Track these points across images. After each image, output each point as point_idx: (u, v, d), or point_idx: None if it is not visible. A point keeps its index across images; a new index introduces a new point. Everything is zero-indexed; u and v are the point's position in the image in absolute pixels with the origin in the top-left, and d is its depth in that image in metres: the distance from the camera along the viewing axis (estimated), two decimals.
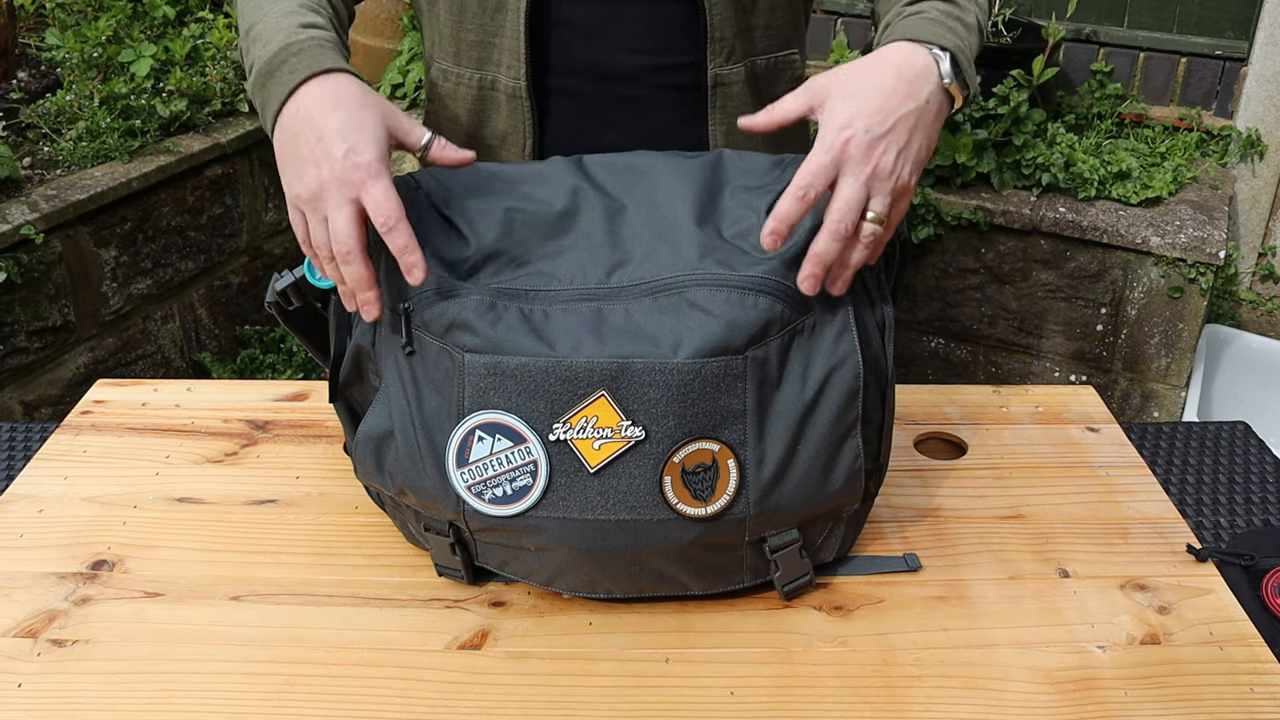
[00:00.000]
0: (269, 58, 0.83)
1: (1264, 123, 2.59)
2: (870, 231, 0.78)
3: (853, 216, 0.77)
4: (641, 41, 1.03)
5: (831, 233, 0.76)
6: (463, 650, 0.83)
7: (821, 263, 0.77)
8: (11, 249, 2.06)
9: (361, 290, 0.78)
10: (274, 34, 0.85)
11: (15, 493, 1.01)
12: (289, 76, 0.81)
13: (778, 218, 0.76)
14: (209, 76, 2.65)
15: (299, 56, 0.82)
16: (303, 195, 0.78)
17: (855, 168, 0.77)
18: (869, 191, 0.77)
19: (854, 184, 0.77)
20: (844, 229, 0.76)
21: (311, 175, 0.77)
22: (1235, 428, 1.16)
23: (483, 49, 1.04)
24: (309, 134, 0.78)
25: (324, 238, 0.78)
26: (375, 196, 0.75)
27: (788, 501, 0.81)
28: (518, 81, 1.03)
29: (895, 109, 0.79)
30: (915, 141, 0.79)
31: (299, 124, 0.79)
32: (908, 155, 0.79)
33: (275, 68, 0.82)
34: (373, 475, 0.86)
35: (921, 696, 0.79)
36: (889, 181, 0.78)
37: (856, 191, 0.77)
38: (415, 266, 0.75)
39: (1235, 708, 0.78)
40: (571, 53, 1.04)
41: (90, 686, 0.79)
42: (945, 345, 2.53)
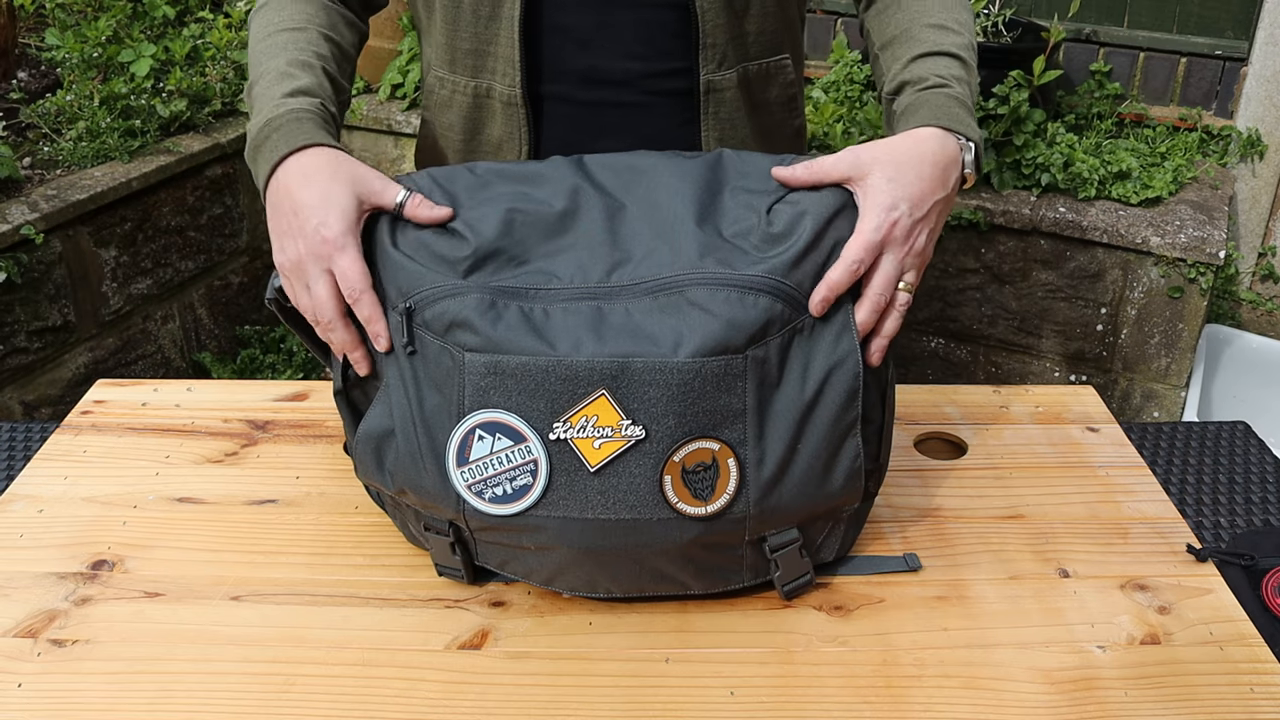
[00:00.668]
0: (256, 132, 0.90)
1: (1264, 123, 2.59)
2: (904, 301, 0.84)
3: (891, 290, 0.84)
4: (635, 48, 1.03)
5: (872, 305, 0.83)
6: (463, 650, 0.83)
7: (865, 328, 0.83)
8: (11, 249, 2.06)
9: (350, 351, 0.85)
10: (263, 103, 0.92)
11: (15, 493, 1.01)
12: (270, 154, 0.88)
13: (829, 285, 0.81)
14: (209, 76, 2.65)
15: (279, 133, 0.88)
16: (286, 266, 0.85)
17: (896, 248, 0.84)
18: (903, 268, 0.85)
19: (893, 262, 0.84)
20: (883, 301, 0.83)
21: (290, 248, 0.85)
22: (1235, 428, 1.16)
23: (477, 57, 1.05)
24: (287, 208, 0.85)
25: (309, 309, 0.85)
26: (341, 267, 0.82)
27: (788, 501, 0.81)
28: (513, 89, 1.04)
29: (930, 195, 0.86)
30: (940, 223, 0.87)
31: (279, 198, 0.86)
32: (934, 235, 0.87)
33: (260, 143, 0.89)
34: (373, 474, 0.86)
35: (921, 696, 0.79)
36: (919, 259, 0.86)
37: (894, 269, 0.84)
38: (380, 336, 0.83)
39: (1235, 708, 0.78)
40: (565, 59, 1.04)
41: (90, 686, 0.79)
42: (945, 345, 2.53)
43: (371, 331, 0.83)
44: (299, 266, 0.84)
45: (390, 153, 2.85)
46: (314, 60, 0.96)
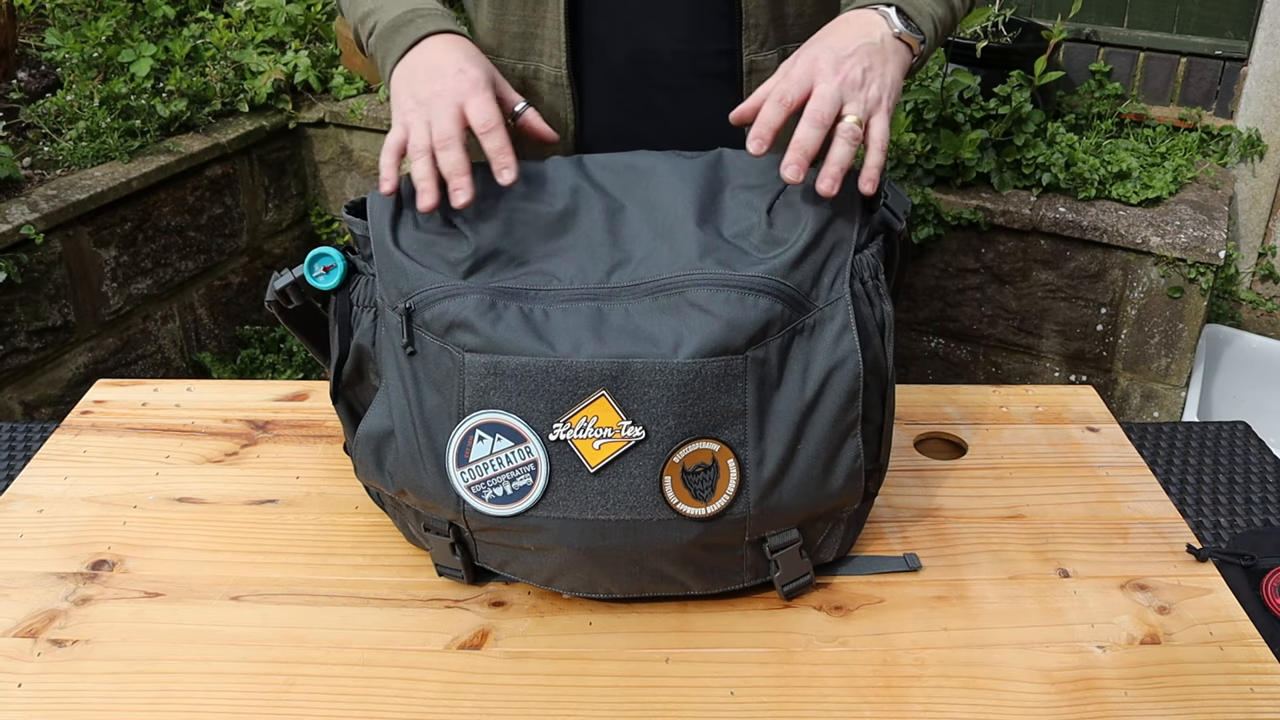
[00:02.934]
0: (397, 15, 0.94)
1: (1264, 123, 2.59)
2: (849, 127, 0.82)
3: (829, 107, 0.82)
4: (680, 29, 1.05)
5: (810, 120, 0.82)
6: (463, 650, 0.83)
7: (803, 149, 0.81)
8: (11, 249, 2.06)
9: (457, 175, 0.83)
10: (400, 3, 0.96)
11: (15, 493, 1.01)
12: (415, 31, 0.92)
13: (761, 123, 0.82)
14: (209, 76, 2.65)
15: (426, 19, 0.94)
16: (416, 98, 0.87)
17: (827, 77, 0.84)
18: (842, 96, 0.83)
19: (827, 86, 0.83)
20: (821, 117, 0.82)
21: (423, 88, 0.87)
22: (1235, 428, 1.16)
23: (525, 40, 1.06)
24: (424, 66, 0.90)
25: (423, 139, 0.85)
26: (478, 103, 0.86)
27: (788, 501, 0.81)
28: (559, 70, 1.05)
29: (852, 41, 0.87)
30: (878, 65, 0.86)
31: (417, 61, 0.90)
32: (873, 75, 0.85)
33: (403, 24, 0.94)
34: (373, 475, 0.86)
35: (921, 696, 0.79)
36: (860, 91, 0.84)
37: (831, 90, 0.83)
38: (507, 168, 0.83)
39: (1235, 708, 0.78)
40: (610, 41, 1.05)
41: (90, 686, 0.79)
42: (945, 345, 2.53)
43: (499, 164, 0.83)
44: (428, 101, 0.86)
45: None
46: None
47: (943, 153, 2.32)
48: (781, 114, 0.83)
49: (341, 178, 2.93)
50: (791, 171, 0.81)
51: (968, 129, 2.34)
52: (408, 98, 0.88)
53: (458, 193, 0.83)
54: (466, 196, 0.83)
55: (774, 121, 0.82)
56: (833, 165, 0.81)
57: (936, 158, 2.34)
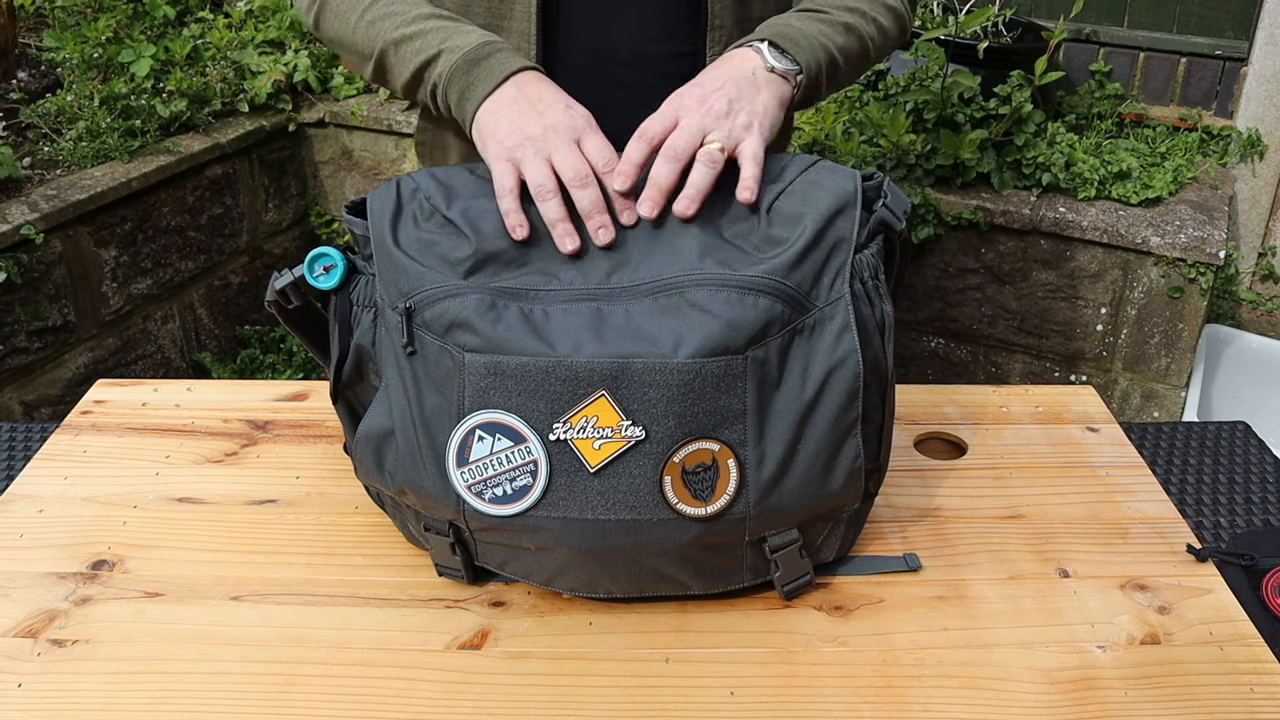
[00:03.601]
0: (473, 47, 0.93)
1: (1264, 123, 2.59)
2: (708, 152, 0.84)
3: (684, 140, 0.85)
4: (643, 28, 1.05)
5: (664, 155, 0.84)
6: (463, 650, 0.83)
7: (657, 185, 0.83)
8: (11, 249, 2.06)
9: (599, 213, 0.83)
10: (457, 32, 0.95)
11: (15, 493, 1.01)
12: (500, 65, 0.92)
13: (625, 160, 0.84)
14: (209, 76, 2.65)
15: (504, 52, 0.93)
16: (526, 134, 0.86)
17: (691, 113, 0.87)
18: (704, 129, 0.86)
19: (689, 121, 0.86)
20: (674, 151, 0.84)
21: (534, 123, 0.87)
22: (1235, 428, 1.16)
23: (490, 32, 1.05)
24: (524, 102, 0.89)
25: (541, 176, 0.84)
26: (595, 141, 0.86)
27: (788, 501, 0.81)
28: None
29: (722, 78, 0.90)
30: (748, 95, 0.89)
31: (513, 96, 0.90)
32: (740, 104, 0.88)
33: (483, 56, 0.93)
34: (373, 475, 0.86)
35: (921, 696, 0.79)
36: (725, 120, 0.86)
37: (693, 124, 0.86)
38: (628, 209, 0.83)
39: (1235, 708, 0.78)
40: (575, 38, 1.05)
41: (90, 686, 0.79)
42: (945, 345, 2.53)
43: (620, 206, 0.83)
44: (542, 138, 0.85)
45: (390, 153, 2.85)
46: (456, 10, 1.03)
47: (943, 153, 2.32)
48: (645, 150, 0.85)
49: (341, 178, 2.93)
50: (646, 208, 0.83)
51: (968, 129, 2.34)
52: (513, 133, 0.87)
53: (600, 231, 0.82)
54: (610, 236, 0.82)
55: (637, 158, 0.84)
56: (690, 188, 0.84)
57: (936, 158, 2.34)
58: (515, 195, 0.84)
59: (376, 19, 1.00)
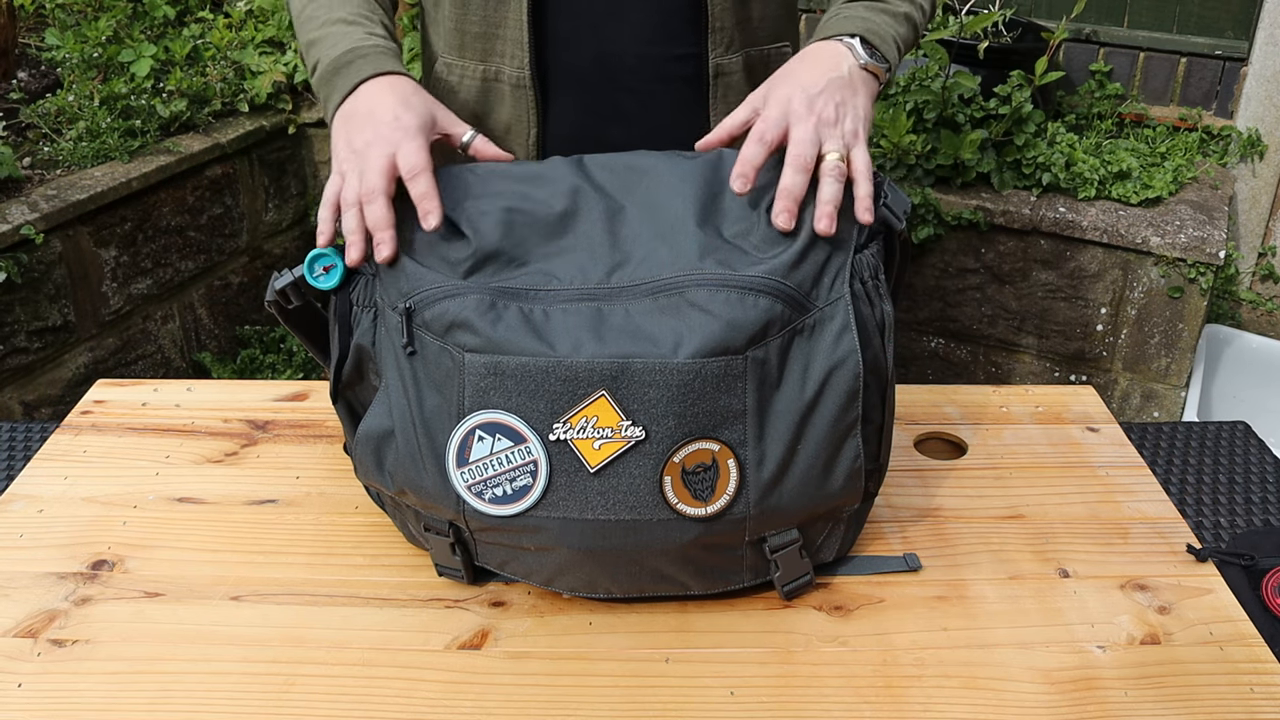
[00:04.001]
0: (337, 57, 0.94)
1: (1264, 123, 2.59)
2: (833, 164, 0.84)
3: (809, 150, 0.84)
4: (644, 31, 1.05)
5: (793, 165, 0.83)
6: (463, 650, 0.83)
7: (792, 196, 0.82)
8: (11, 249, 2.06)
9: (379, 229, 0.83)
10: (338, 38, 0.96)
11: (15, 493, 1.01)
12: (355, 74, 0.92)
13: (745, 162, 0.83)
14: (209, 76, 2.65)
15: (365, 60, 0.93)
16: (352, 147, 0.87)
17: (801, 119, 0.86)
18: (819, 136, 0.85)
19: (803, 128, 0.85)
20: (804, 161, 0.84)
21: (359, 137, 0.87)
22: (1235, 428, 1.16)
23: (486, 40, 1.06)
24: (363, 112, 0.89)
25: (354, 191, 0.85)
26: (406, 150, 0.85)
27: (788, 501, 0.81)
28: (521, 72, 1.05)
29: (821, 77, 0.89)
30: (849, 99, 0.89)
31: (357, 107, 0.90)
32: (846, 109, 0.88)
33: (342, 66, 0.93)
34: (373, 475, 0.86)
35: (921, 696, 0.79)
36: (836, 128, 0.86)
37: (808, 133, 0.85)
38: (430, 214, 0.82)
39: (1235, 708, 0.78)
40: (575, 43, 1.05)
41: (90, 686, 0.79)
42: (945, 345, 2.53)
43: (423, 209, 0.83)
44: (362, 152, 0.86)
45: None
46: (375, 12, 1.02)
47: (943, 153, 2.32)
48: (764, 154, 0.85)
49: None
50: (784, 220, 0.82)
51: (968, 129, 2.34)
52: (344, 147, 0.88)
53: (380, 246, 0.83)
54: (389, 250, 0.82)
55: (757, 161, 0.84)
56: (825, 205, 0.83)
57: (936, 158, 2.34)
58: (330, 206, 0.86)
59: (304, 21, 1.02)
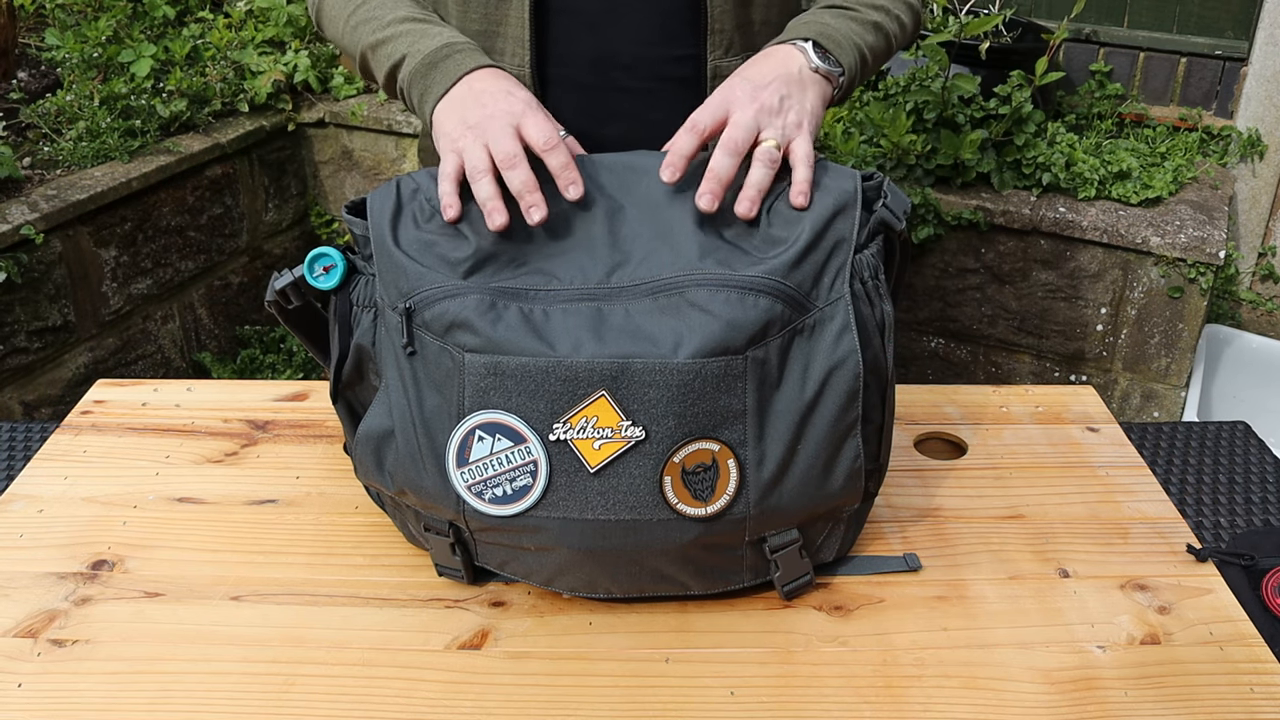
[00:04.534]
0: (431, 51, 0.96)
1: (1264, 123, 2.59)
2: (766, 150, 0.85)
3: (743, 134, 0.85)
4: (643, 32, 1.05)
5: (724, 148, 0.84)
6: (463, 650, 0.83)
7: (717, 177, 0.83)
8: (11, 249, 2.06)
9: (530, 192, 0.83)
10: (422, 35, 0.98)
11: (15, 493, 1.01)
12: (454, 66, 0.94)
13: (674, 152, 0.84)
14: (209, 76, 2.65)
15: (463, 54, 0.96)
16: (467, 123, 0.88)
17: (743, 105, 0.87)
18: (759, 123, 0.86)
19: (743, 114, 0.86)
20: (735, 144, 0.84)
21: (475, 112, 0.88)
22: (1235, 428, 1.16)
23: (487, 39, 1.06)
24: (471, 98, 0.91)
25: (483, 160, 0.85)
26: (536, 121, 0.86)
27: (788, 501, 0.81)
28: (522, 70, 1.05)
29: (770, 73, 0.91)
30: (796, 93, 0.90)
31: (463, 94, 0.92)
32: (791, 102, 0.89)
33: (440, 59, 0.95)
34: (373, 475, 0.86)
35: (921, 696, 0.79)
36: (777, 117, 0.87)
37: (746, 119, 0.85)
38: (573, 184, 0.83)
39: (1235, 708, 0.78)
40: (575, 42, 1.05)
41: (90, 686, 0.79)
42: (945, 345, 2.53)
43: (564, 180, 0.83)
44: (482, 124, 0.86)
45: (390, 153, 2.85)
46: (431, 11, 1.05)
47: (943, 153, 2.32)
48: (694, 142, 0.85)
49: (341, 178, 2.93)
50: (705, 201, 0.82)
51: (968, 129, 2.34)
52: (457, 124, 0.88)
53: (533, 210, 0.82)
54: (542, 213, 0.82)
55: (686, 150, 0.85)
56: (750, 188, 0.83)
57: (936, 158, 2.34)
58: (453, 180, 0.85)
59: (359, 23, 1.03)
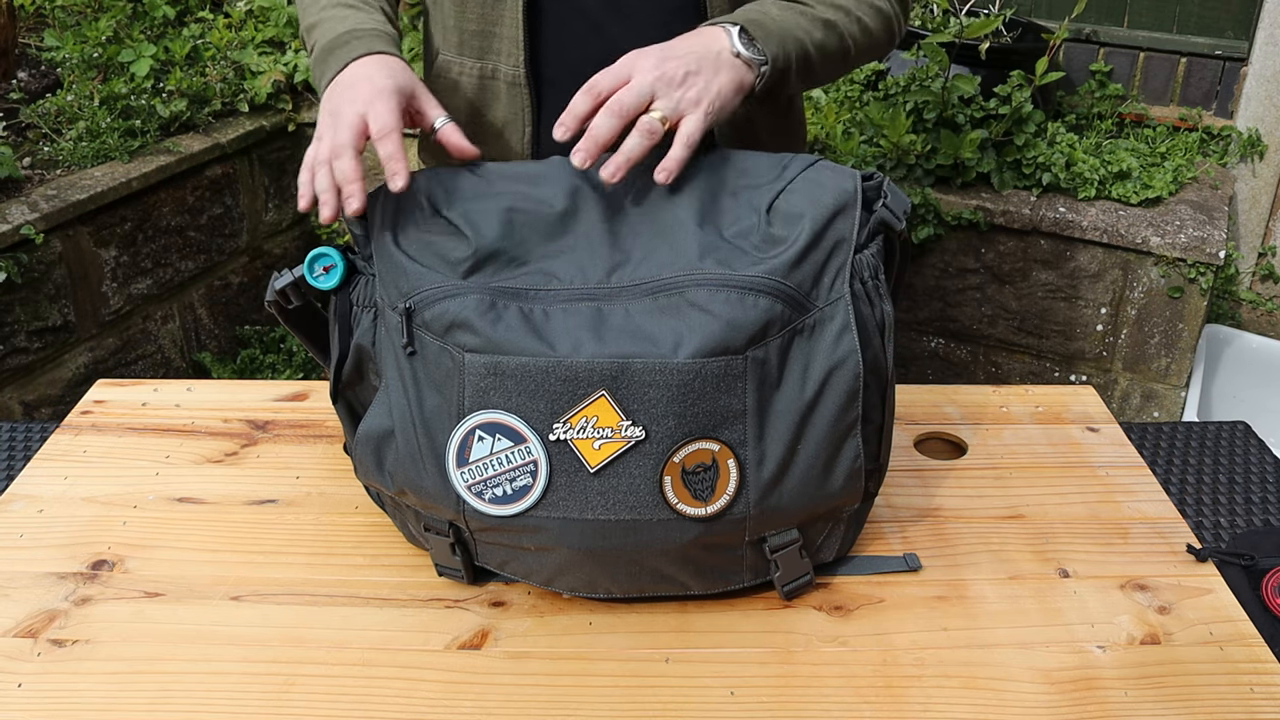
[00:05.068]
0: (335, 36, 0.96)
1: (1264, 123, 2.59)
2: (649, 120, 0.84)
3: (632, 99, 0.84)
4: (647, 32, 1.04)
5: (608, 109, 0.84)
6: (463, 650, 0.83)
7: (594, 138, 0.83)
8: (11, 249, 2.06)
9: (347, 183, 0.84)
10: (338, 21, 0.98)
11: (15, 493, 1.01)
12: (346, 53, 0.94)
13: (568, 112, 0.84)
14: (209, 76, 2.65)
15: (361, 40, 0.95)
16: (328, 112, 0.88)
17: (645, 73, 0.86)
18: (654, 93, 0.85)
19: (641, 80, 0.85)
20: (620, 107, 0.84)
21: (336, 99, 0.89)
22: (1235, 428, 1.16)
23: (483, 38, 1.06)
24: (345, 83, 0.91)
25: (323, 151, 0.86)
26: (377, 110, 0.86)
27: (788, 501, 0.81)
28: (517, 70, 1.05)
29: (685, 49, 0.89)
30: (706, 71, 0.88)
31: (345, 79, 0.92)
32: (697, 79, 0.87)
33: (339, 45, 0.95)
34: (373, 475, 0.86)
35: (921, 696, 0.79)
36: (676, 90, 0.86)
37: (643, 85, 0.85)
38: (397, 175, 0.83)
39: (1235, 708, 0.78)
40: (571, 41, 1.05)
41: (90, 686, 0.79)
42: (945, 345, 2.53)
43: (390, 169, 0.83)
44: (337, 112, 0.87)
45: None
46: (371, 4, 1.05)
47: (943, 153, 2.32)
48: (589, 104, 0.84)
49: None
50: (579, 158, 0.82)
51: (968, 129, 2.34)
52: (324, 112, 0.90)
53: (350, 200, 0.84)
54: (357, 203, 0.83)
55: (580, 111, 0.84)
56: (619, 155, 0.83)
57: (936, 158, 2.34)
58: (308, 169, 0.87)
59: (304, 7, 1.04)
